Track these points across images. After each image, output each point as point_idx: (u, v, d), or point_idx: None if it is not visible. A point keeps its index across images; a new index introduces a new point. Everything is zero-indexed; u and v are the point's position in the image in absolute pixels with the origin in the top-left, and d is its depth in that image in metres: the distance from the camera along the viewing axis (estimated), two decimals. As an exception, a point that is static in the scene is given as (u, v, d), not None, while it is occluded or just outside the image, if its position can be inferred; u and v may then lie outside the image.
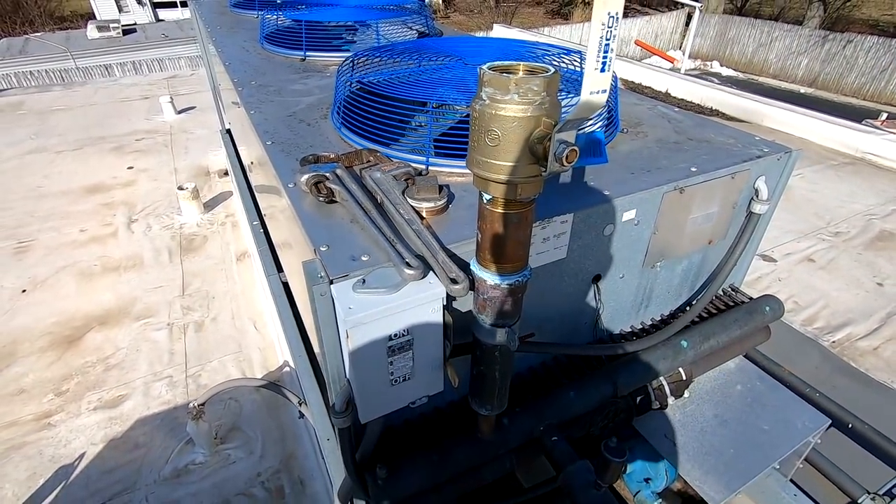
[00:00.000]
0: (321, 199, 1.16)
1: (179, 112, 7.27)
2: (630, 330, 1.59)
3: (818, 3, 17.13)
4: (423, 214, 1.12)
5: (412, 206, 1.11)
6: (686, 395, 1.60)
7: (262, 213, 2.51)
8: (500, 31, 10.97)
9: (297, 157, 1.37)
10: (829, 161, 5.58)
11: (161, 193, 5.22)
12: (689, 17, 16.35)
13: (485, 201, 0.86)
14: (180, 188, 4.70)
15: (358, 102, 1.44)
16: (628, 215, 1.30)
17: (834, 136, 5.85)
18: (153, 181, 5.51)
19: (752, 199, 1.53)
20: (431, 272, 0.96)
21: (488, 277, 0.92)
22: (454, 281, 0.93)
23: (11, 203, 5.03)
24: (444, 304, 0.96)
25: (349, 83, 1.55)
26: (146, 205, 5.03)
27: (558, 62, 1.68)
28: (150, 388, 2.95)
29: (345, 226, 1.10)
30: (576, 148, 0.72)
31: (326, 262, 0.98)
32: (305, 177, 1.16)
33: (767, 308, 1.66)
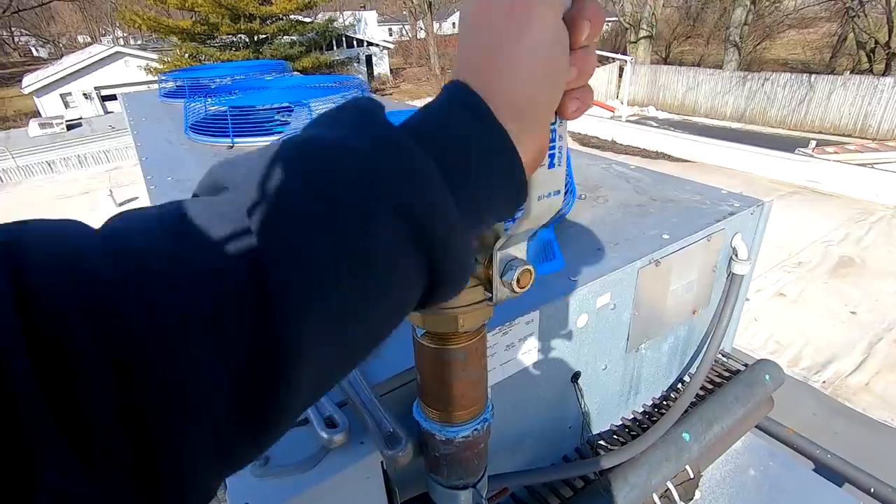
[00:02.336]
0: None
1: (120, 204, 6.93)
2: (622, 423, 1.36)
3: (733, 48, 18.75)
4: (353, 337, 0.89)
5: (338, 329, 0.88)
6: (697, 495, 1.36)
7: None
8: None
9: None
10: (776, 192, 5.73)
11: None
12: (622, 69, 17.52)
13: (418, 335, 0.64)
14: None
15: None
16: (603, 300, 1.10)
17: (776, 168, 6.07)
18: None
19: (731, 258, 1.38)
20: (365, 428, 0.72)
21: (436, 431, 0.69)
22: (392, 441, 0.68)
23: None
24: (385, 468, 0.72)
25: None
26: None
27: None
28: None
29: (251, 365, 0.85)
30: (530, 268, 0.52)
31: (220, 429, 0.72)
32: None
33: (767, 377, 1.47)
